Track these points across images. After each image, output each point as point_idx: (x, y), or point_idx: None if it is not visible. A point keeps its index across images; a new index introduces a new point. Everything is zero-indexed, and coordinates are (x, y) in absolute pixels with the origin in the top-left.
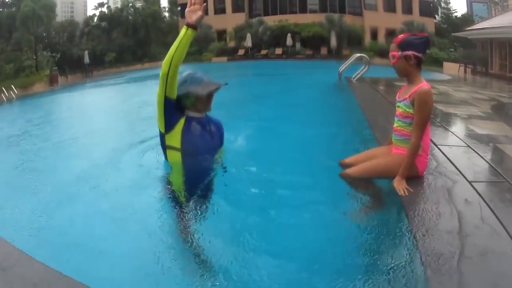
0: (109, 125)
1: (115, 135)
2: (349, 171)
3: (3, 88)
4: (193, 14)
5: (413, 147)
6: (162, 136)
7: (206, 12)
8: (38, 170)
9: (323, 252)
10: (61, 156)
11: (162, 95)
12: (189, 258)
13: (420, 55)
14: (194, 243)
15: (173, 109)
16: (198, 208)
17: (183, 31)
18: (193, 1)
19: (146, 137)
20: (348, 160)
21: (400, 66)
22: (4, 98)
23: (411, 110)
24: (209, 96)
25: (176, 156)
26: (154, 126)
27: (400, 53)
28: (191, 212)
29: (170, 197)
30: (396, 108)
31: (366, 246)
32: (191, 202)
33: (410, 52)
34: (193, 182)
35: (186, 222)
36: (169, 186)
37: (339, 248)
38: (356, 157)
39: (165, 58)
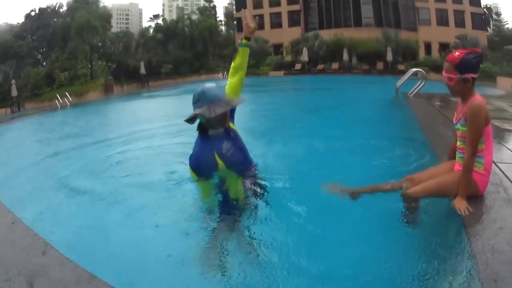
0: (159, 131)
1: (164, 141)
2: (411, 190)
3: (58, 95)
4: None
5: (466, 165)
6: None
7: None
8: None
9: (379, 273)
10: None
11: None
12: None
13: (476, 75)
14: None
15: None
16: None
17: None
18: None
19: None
20: (411, 177)
21: (458, 88)
22: (58, 105)
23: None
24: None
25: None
26: None
27: (458, 76)
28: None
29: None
30: (456, 131)
31: (425, 265)
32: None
33: (469, 76)
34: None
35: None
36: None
37: (396, 268)
38: (420, 175)
39: None
